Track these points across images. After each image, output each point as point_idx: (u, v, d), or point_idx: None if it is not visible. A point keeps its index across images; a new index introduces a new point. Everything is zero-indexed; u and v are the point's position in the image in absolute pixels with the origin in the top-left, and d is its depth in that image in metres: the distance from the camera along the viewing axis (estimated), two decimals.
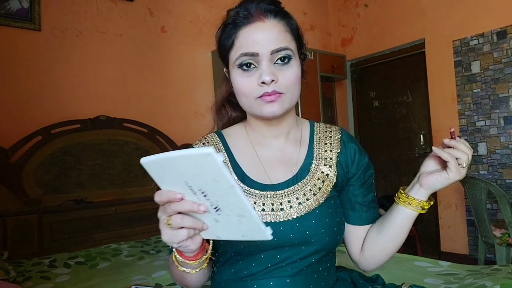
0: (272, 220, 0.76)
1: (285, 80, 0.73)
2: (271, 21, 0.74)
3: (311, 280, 0.78)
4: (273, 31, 0.73)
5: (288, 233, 0.75)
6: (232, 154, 0.83)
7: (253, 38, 0.73)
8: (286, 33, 0.75)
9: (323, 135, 0.86)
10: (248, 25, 0.73)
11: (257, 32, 0.73)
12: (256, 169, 0.81)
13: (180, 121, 2.93)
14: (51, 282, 1.59)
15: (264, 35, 0.72)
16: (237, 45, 0.74)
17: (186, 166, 0.52)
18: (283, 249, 0.76)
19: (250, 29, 0.73)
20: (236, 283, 0.79)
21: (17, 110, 2.26)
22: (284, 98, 0.74)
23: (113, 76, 2.66)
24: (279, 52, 0.73)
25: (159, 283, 1.51)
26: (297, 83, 0.76)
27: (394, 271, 1.47)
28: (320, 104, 3.53)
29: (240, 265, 0.78)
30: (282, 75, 0.73)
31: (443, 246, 3.46)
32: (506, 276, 1.25)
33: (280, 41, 0.73)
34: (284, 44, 0.73)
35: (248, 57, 0.73)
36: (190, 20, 3.09)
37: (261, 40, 0.72)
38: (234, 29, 0.74)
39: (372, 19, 3.97)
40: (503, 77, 3.04)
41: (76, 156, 2.32)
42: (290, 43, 0.75)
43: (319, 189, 0.79)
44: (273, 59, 0.73)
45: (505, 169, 3.04)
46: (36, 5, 2.34)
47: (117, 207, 2.35)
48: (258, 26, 0.73)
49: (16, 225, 2.00)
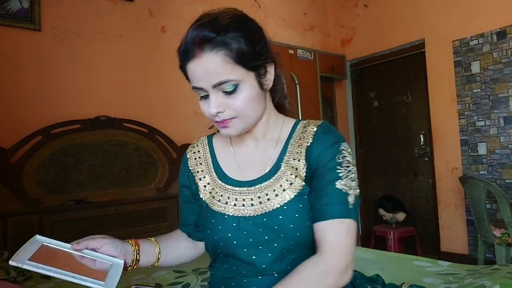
0: (242, 215, 0.80)
1: (234, 107, 0.76)
2: (208, 55, 0.73)
3: None
4: (211, 66, 0.73)
5: (258, 228, 0.79)
6: (215, 156, 0.92)
7: (195, 73, 0.75)
8: (226, 64, 0.73)
9: (302, 131, 0.86)
10: (190, 61, 0.76)
11: (197, 68, 0.74)
12: (233, 168, 0.87)
13: (180, 121, 2.93)
14: (52, 282, 1.59)
15: (203, 71, 0.74)
16: (189, 77, 0.79)
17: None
18: (257, 247, 0.79)
19: (192, 64, 0.75)
20: (228, 281, 0.83)
21: (17, 110, 2.27)
22: (236, 121, 0.78)
23: (113, 76, 2.66)
24: (221, 85, 0.74)
25: (159, 283, 1.51)
26: (250, 105, 0.77)
27: (394, 271, 1.47)
28: (320, 104, 3.53)
29: (229, 263, 0.83)
30: (230, 103, 0.76)
31: (443, 246, 3.46)
32: (506, 276, 1.25)
33: (220, 75, 0.73)
34: (224, 77, 0.73)
35: (198, 90, 0.78)
36: (190, 20, 3.05)
37: (201, 76, 0.75)
38: (183, 63, 0.79)
39: (371, 19, 3.97)
40: (503, 77, 3.04)
41: (76, 156, 2.32)
42: (232, 72, 0.73)
43: (290, 185, 0.80)
44: (220, 89, 0.75)
45: (505, 169, 3.04)
46: (36, 6, 2.34)
47: (117, 207, 2.35)
48: (197, 62, 0.74)
49: (16, 225, 2.00)
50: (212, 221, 0.83)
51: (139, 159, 2.58)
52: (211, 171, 0.89)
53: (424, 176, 3.70)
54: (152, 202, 2.52)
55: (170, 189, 2.65)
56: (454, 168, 3.36)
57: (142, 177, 2.57)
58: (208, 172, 0.90)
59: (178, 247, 0.95)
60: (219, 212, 0.83)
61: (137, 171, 2.55)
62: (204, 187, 0.88)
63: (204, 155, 0.93)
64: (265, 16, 3.68)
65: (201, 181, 0.89)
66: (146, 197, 2.53)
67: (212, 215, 0.84)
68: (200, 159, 0.92)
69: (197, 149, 0.95)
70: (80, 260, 0.78)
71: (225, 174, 0.87)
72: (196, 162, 0.92)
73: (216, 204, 0.84)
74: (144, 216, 2.47)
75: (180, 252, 0.95)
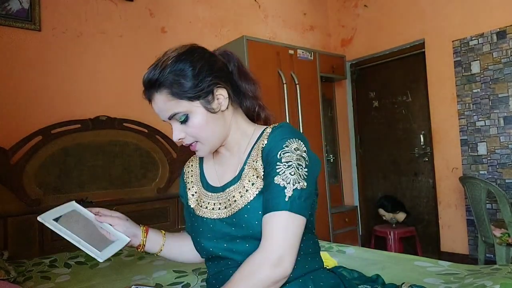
0: (217, 217, 0.90)
1: (191, 134, 0.88)
2: (156, 95, 0.87)
3: None
4: (159, 104, 0.87)
5: (230, 227, 0.87)
6: (203, 168, 1.03)
7: (155, 110, 0.90)
8: (169, 101, 0.85)
9: (266, 135, 0.91)
10: (150, 102, 0.90)
11: (154, 106, 0.89)
12: (213, 176, 0.99)
13: None
14: (52, 282, 1.59)
15: (157, 108, 0.89)
16: None
17: None
18: (234, 243, 0.86)
19: (152, 103, 0.90)
20: (218, 274, 0.91)
21: (18, 110, 2.27)
22: (199, 145, 0.90)
23: (113, 76, 2.66)
24: (173, 118, 0.87)
25: (159, 283, 1.51)
26: (205, 130, 0.87)
27: (394, 271, 1.47)
28: (320, 105, 3.53)
29: (216, 261, 0.91)
30: (188, 131, 0.87)
31: (443, 246, 3.46)
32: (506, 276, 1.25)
33: (168, 110, 0.86)
34: (172, 111, 0.86)
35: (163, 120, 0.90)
36: (190, 20, 3.10)
37: (158, 112, 0.89)
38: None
39: (371, 19, 3.97)
40: (503, 77, 3.04)
41: (76, 156, 2.32)
42: (178, 106, 0.85)
43: (252, 185, 0.86)
44: (175, 120, 0.87)
45: (505, 169, 3.04)
46: (36, 6, 2.34)
47: (117, 207, 2.34)
48: (152, 102, 0.89)
49: (17, 226, 2.01)
50: (195, 225, 0.94)
51: (140, 159, 2.58)
52: (198, 181, 1.01)
53: (424, 176, 3.70)
54: (152, 202, 2.53)
55: (171, 189, 2.65)
56: (454, 168, 3.36)
57: (142, 177, 2.57)
58: (195, 183, 1.02)
59: (183, 247, 1.05)
60: (200, 216, 0.93)
61: (137, 171, 2.55)
62: (192, 196, 1.00)
63: (194, 169, 1.05)
64: (265, 16, 3.68)
65: (190, 190, 1.01)
66: (146, 197, 2.53)
67: (196, 220, 0.95)
68: (191, 172, 1.05)
69: (190, 164, 1.08)
70: (98, 230, 0.93)
71: (207, 183, 0.99)
72: (188, 175, 1.05)
73: (201, 210, 0.94)
74: (144, 216, 2.47)
75: (184, 251, 1.05)
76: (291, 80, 3.30)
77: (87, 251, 0.85)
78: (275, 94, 3.17)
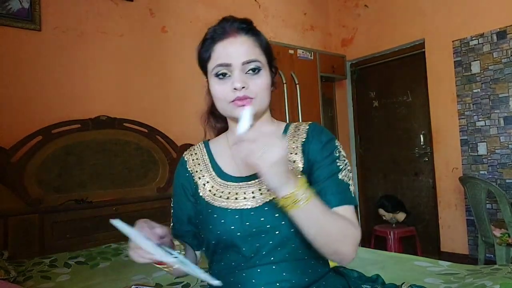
0: (244, 207, 0.86)
1: (255, 87, 0.85)
2: (242, 37, 0.86)
3: (297, 267, 0.83)
4: (244, 45, 0.85)
5: (259, 218, 0.84)
6: (213, 157, 0.99)
7: (226, 51, 0.85)
8: (255, 48, 0.86)
9: (294, 130, 0.95)
10: (223, 40, 0.85)
11: (230, 46, 0.85)
12: (231, 166, 0.94)
13: (180, 121, 2.93)
14: (52, 282, 1.59)
15: (236, 48, 0.84)
16: (214, 57, 0.86)
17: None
18: (259, 236, 0.83)
19: (225, 43, 0.85)
20: (227, 274, 0.86)
21: (18, 110, 2.27)
22: (254, 103, 0.85)
23: (113, 76, 2.66)
24: (249, 64, 0.84)
25: (159, 283, 1.51)
26: (266, 90, 0.87)
27: (394, 271, 1.47)
28: (320, 104, 3.53)
29: (228, 257, 0.86)
30: (252, 82, 0.84)
31: (443, 246, 3.46)
32: (506, 276, 1.25)
33: (250, 54, 0.85)
34: (253, 57, 0.85)
35: (223, 67, 0.85)
36: (190, 20, 3.10)
37: (233, 52, 0.84)
38: (212, 43, 0.87)
39: (372, 19, 3.97)
40: (503, 77, 3.04)
41: (77, 156, 2.32)
42: (259, 56, 0.86)
43: None
44: (245, 69, 0.84)
45: (505, 169, 3.04)
46: (36, 5, 2.34)
47: (117, 207, 2.35)
48: (231, 41, 0.85)
49: (17, 225, 2.00)
50: (214, 216, 0.88)
51: (140, 159, 2.58)
52: (210, 170, 0.96)
53: (424, 176, 3.70)
54: (152, 202, 2.52)
55: (171, 189, 2.64)
56: (454, 168, 3.36)
57: (143, 176, 2.57)
58: (206, 171, 0.96)
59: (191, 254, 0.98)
60: (220, 207, 0.88)
61: (138, 171, 2.55)
62: (203, 185, 0.94)
63: (202, 157, 1.00)
64: (265, 16, 3.68)
65: (200, 179, 0.95)
66: (146, 197, 2.53)
67: (214, 211, 0.88)
68: (198, 160, 0.99)
69: (194, 152, 1.02)
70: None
71: (224, 173, 0.94)
72: (194, 163, 0.99)
73: (217, 200, 0.89)
74: (144, 216, 2.42)
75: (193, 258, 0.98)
76: (291, 80, 3.30)
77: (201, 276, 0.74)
78: (275, 94, 3.16)
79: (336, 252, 0.78)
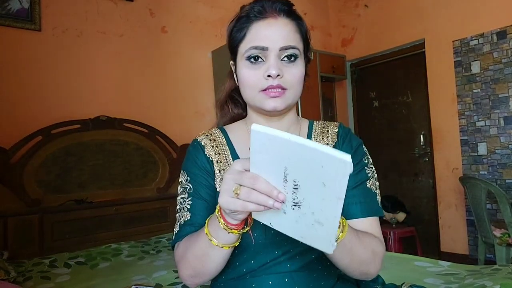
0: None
1: (290, 77, 0.76)
2: (284, 19, 0.76)
3: (310, 279, 0.78)
4: (285, 29, 0.76)
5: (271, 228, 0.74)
6: (234, 148, 0.86)
7: (264, 33, 0.75)
8: (296, 33, 0.78)
9: (321, 130, 0.89)
10: (261, 20, 0.76)
11: (269, 28, 0.75)
12: None
13: (180, 121, 2.93)
14: (52, 282, 1.59)
15: (275, 31, 0.75)
16: (248, 38, 0.77)
17: (304, 156, 0.48)
18: (281, 244, 0.77)
19: (263, 24, 0.76)
20: (235, 281, 0.79)
21: (18, 110, 2.27)
22: (287, 94, 0.77)
23: (113, 76, 2.66)
24: (287, 50, 0.76)
25: (159, 283, 1.51)
26: (300, 81, 0.79)
27: (394, 271, 1.47)
28: (320, 104, 3.53)
29: (239, 261, 0.78)
30: (287, 71, 0.76)
31: (443, 246, 3.46)
32: (506, 276, 1.25)
33: (290, 40, 0.76)
34: (293, 43, 0.76)
35: (258, 51, 0.75)
36: (190, 20, 3.10)
37: (272, 35, 0.75)
38: (247, 22, 0.77)
39: (372, 19, 3.97)
40: (503, 77, 3.04)
41: (77, 156, 2.32)
42: (299, 43, 0.78)
43: None
44: (281, 55, 0.76)
45: (505, 169, 3.04)
46: (36, 6, 2.34)
47: (117, 207, 2.35)
48: (270, 22, 0.76)
49: (17, 225, 2.00)
50: None
51: (140, 159, 2.58)
52: (230, 161, 0.83)
53: (425, 176, 3.70)
54: (152, 202, 2.52)
55: (171, 189, 2.65)
56: (455, 168, 3.36)
57: (143, 177, 2.57)
58: (226, 162, 0.84)
59: None
60: None
61: (138, 171, 2.55)
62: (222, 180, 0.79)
63: (221, 146, 0.86)
64: None
65: (220, 173, 0.82)
66: (146, 197, 2.53)
67: None
68: (217, 149, 0.85)
69: (212, 138, 0.87)
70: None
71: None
72: (214, 151, 0.85)
73: None
74: (144, 216, 2.47)
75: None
76: None
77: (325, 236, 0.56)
78: None
79: (365, 274, 0.75)
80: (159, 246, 2.18)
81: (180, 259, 0.76)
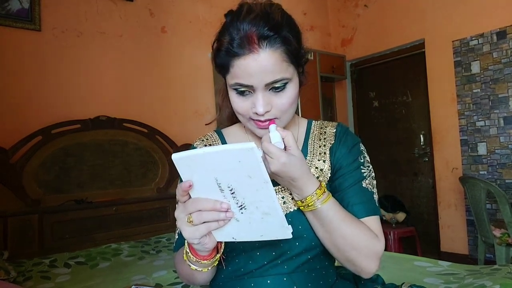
0: None
1: (279, 106, 0.73)
2: (266, 51, 0.68)
3: (308, 279, 0.79)
4: (269, 63, 0.68)
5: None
6: None
7: (247, 70, 0.69)
8: (282, 62, 0.70)
9: (319, 131, 0.88)
10: (242, 56, 0.69)
11: (251, 64, 0.68)
12: None
13: (180, 121, 2.93)
14: (52, 282, 1.59)
15: (258, 68, 0.68)
16: (232, 73, 0.71)
17: (222, 161, 0.54)
18: (278, 245, 0.77)
19: (244, 61, 0.69)
20: (233, 282, 0.80)
21: (17, 110, 2.27)
22: (279, 122, 0.75)
23: (113, 76, 2.66)
24: (274, 83, 0.71)
25: (159, 283, 1.51)
26: (292, 105, 0.75)
27: (394, 271, 1.47)
28: (320, 104, 3.53)
29: (237, 263, 0.80)
30: (276, 101, 0.73)
31: (443, 246, 3.46)
32: (506, 276, 1.25)
33: (275, 73, 0.70)
34: (279, 76, 0.70)
35: (243, 87, 0.72)
36: (190, 20, 3.10)
37: (255, 73, 0.69)
38: (228, 57, 0.70)
39: (372, 19, 3.97)
40: (503, 77, 3.04)
41: (76, 156, 2.32)
42: (287, 71, 0.71)
43: None
44: (268, 88, 0.72)
45: (505, 169, 3.04)
46: (36, 6, 2.34)
47: (117, 207, 2.35)
48: (252, 58, 0.68)
49: (17, 225, 2.00)
50: None
51: (140, 159, 2.58)
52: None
53: (424, 176, 3.70)
54: (152, 202, 2.52)
55: (171, 189, 2.65)
56: (454, 168, 3.36)
57: (142, 177, 2.57)
58: None
59: None
60: None
61: (137, 171, 2.55)
62: None
63: None
64: None
65: None
66: (146, 197, 2.53)
67: None
68: None
69: (208, 143, 0.88)
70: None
71: None
72: None
73: None
74: (144, 216, 2.47)
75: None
76: None
77: (277, 223, 0.61)
78: None
79: (353, 263, 0.74)
80: (159, 246, 2.18)
81: (176, 269, 0.83)
